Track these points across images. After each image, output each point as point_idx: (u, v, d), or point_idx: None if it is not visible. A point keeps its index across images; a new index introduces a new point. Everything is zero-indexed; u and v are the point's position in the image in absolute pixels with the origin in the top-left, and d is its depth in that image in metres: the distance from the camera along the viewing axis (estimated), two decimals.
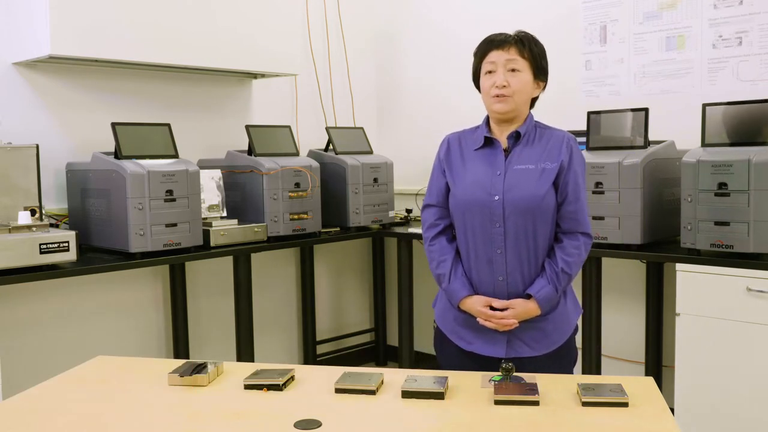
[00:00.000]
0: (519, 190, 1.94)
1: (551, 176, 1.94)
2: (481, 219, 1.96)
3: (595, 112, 3.19)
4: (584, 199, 1.99)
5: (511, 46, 1.96)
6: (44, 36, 2.96)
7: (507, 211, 1.94)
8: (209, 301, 3.86)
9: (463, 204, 2.00)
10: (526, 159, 1.97)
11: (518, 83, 1.95)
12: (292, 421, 1.51)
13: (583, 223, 1.98)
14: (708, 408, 2.73)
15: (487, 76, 1.98)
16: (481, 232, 1.97)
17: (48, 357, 3.26)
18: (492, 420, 1.53)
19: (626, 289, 3.60)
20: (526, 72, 1.96)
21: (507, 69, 1.95)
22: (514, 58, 1.95)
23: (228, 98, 3.97)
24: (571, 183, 1.96)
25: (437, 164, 2.10)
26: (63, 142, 3.34)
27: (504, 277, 1.96)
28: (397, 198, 4.22)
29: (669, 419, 1.52)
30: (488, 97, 1.99)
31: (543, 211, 1.94)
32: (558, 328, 2.00)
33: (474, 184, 1.98)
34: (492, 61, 1.97)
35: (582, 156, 2.02)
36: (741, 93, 3.18)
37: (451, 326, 2.07)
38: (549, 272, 1.95)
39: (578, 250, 1.96)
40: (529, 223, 1.94)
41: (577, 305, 2.09)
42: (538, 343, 1.98)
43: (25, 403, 1.71)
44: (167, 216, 3.05)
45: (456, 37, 4.22)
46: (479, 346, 2.00)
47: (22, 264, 2.69)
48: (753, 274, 2.60)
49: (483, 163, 2.00)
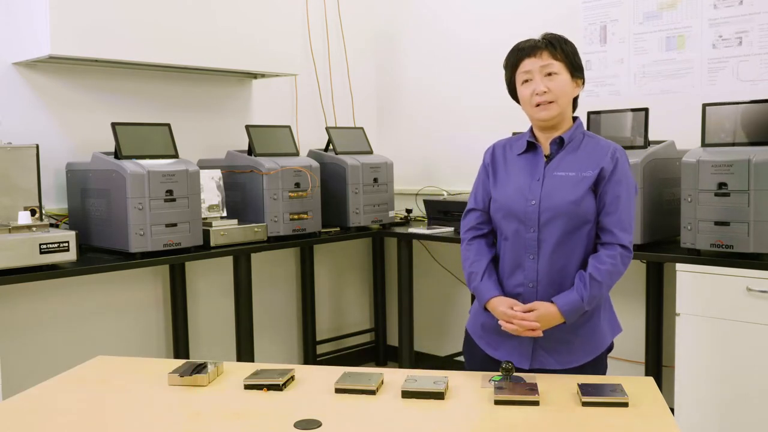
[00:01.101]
0: (555, 196, 1.90)
1: (588, 183, 1.90)
2: (516, 224, 1.94)
3: (595, 112, 3.19)
4: (626, 211, 1.91)
5: (542, 51, 1.92)
6: (44, 36, 2.96)
7: (542, 217, 1.91)
8: (209, 301, 3.86)
9: (502, 208, 1.98)
10: (568, 166, 1.93)
11: (558, 86, 1.91)
12: (292, 421, 1.51)
13: (619, 236, 1.89)
14: (708, 408, 2.73)
15: (525, 85, 1.94)
16: (516, 237, 1.95)
17: (48, 357, 3.26)
18: (492, 420, 1.53)
19: (626, 289, 3.60)
20: (564, 73, 1.92)
21: (543, 74, 1.91)
22: (549, 63, 1.90)
23: (228, 98, 3.97)
24: (610, 193, 1.89)
25: (482, 170, 2.08)
26: (63, 142, 3.34)
27: (534, 284, 1.92)
28: (397, 198, 4.22)
29: (669, 419, 1.52)
30: (530, 107, 1.94)
31: (579, 219, 1.90)
32: (586, 344, 1.93)
33: (513, 188, 1.97)
34: (527, 70, 1.93)
35: (629, 170, 1.94)
36: (741, 93, 3.18)
37: (479, 332, 2.05)
38: (577, 280, 1.89)
39: (613, 260, 1.88)
40: (564, 231, 1.90)
41: (615, 325, 2.03)
42: (564, 357, 1.92)
43: (25, 403, 1.71)
44: (167, 216, 3.05)
45: (456, 37, 4.22)
46: (504, 354, 1.96)
47: (22, 264, 2.68)
48: (753, 274, 2.60)
49: (524, 169, 1.98)
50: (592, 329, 1.94)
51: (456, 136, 4.27)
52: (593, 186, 1.91)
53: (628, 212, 1.92)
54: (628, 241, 1.91)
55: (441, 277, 4.31)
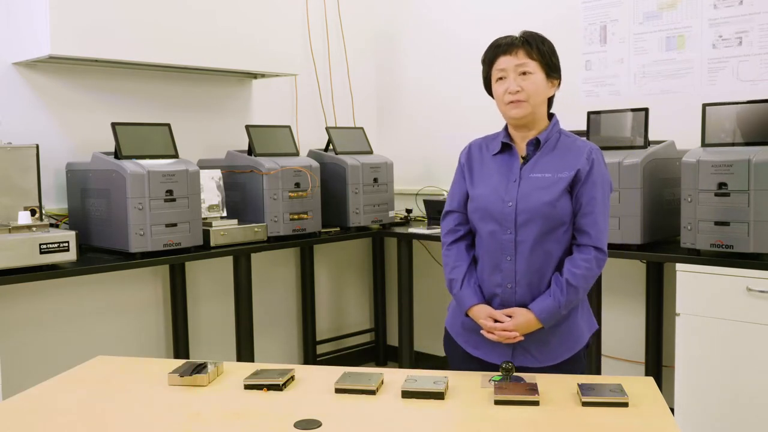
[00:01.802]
0: (532, 197, 1.91)
1: (564, 184, 1.90)
2: (493, 225, 1.95)
3: (595, 112, 3.19)
4: (601, 213, 1.92)
5: (518, 49, 1.92)
6: (44, 36, 2.96)
7: (519, 218, 1.91)
8: (209, 301, 3.86)
9: (478, 209, 1.99)
10: (544, 167, 1.94)
11: (531, 86, 1.91)
12: (292, 421, 1.51)
13: (595, 237, 1.90)
14: (708, 408, 2.73)
15: (499, 82, 1.95)
16: (493, 239, 1.95)
17: (48, 357, 3.26)
18: (492, 420, 1.53)
19: (626, 289, 3.60)
20: (538, 73, 1.92)
21: (518, 73, 1.92)
22: (524, 62, 1.91)
23: (228, 98, 3.97)
24: (586, 195, 1.90)
25: (458, 170, 2.09)
26: (63, 142, 3.34)
27: (512, 285, 1.93)
28: (397, 198, 4.21)
29: (669, 419, 1.52)
30: (503, 104, 1.96)
31: (555, 221, 1.90)
32: (564, 342, 1.95)
33: (490, 189, 1.97)
34: (502, 68, 1.94)
35: (606, 171, 1.96)
36: (741, 93, 3.18)
37: (459, 330, 2.06)
38: (553, 285, 1.90)
39: (587, 263, 1.89)
40: (540, 232, 1.91)
41: (592, 323, 2.04)
42: (543, 354, 1.94)
43: (25, 403, 1.71)
44: (167, 216, 3.05)
45: (456, 37, 4.22)
46: (485, 353, 1.98)
47: (22, 264, 2.69)
48: (753, 274, 2.60)
49: (500, 170, 1.98)
50: (569, 328, 1.96)
51: (456, 136, 4.23)
52: (569, 187, 1.91)
53: (604, 214, 1.94)
54: (604, 243, 1.93)
55: (441, 277, 4.27)
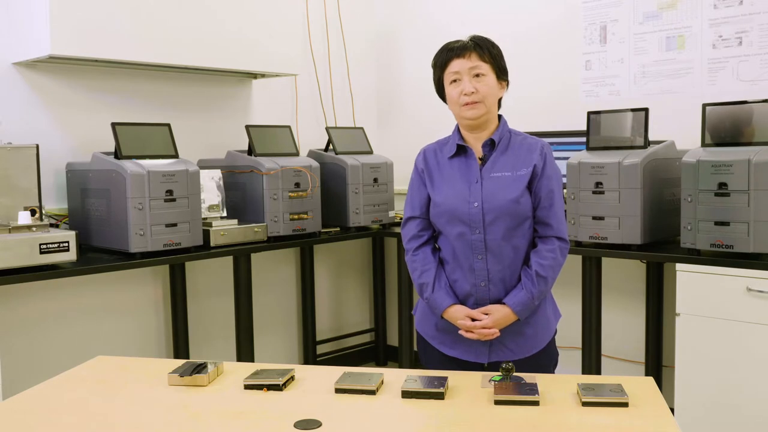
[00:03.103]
0: (497, 196, 1.96)
1: (524, 181, 1.96)
2: (461, 227, 1.98)
3: (595, 112, 3.19)
4: (559, 204, 2.01)
5: (471, 53, 1.98)
6: (44, 36, 2.96)
7: (486, 218, 1.95)
8: (209, 301, 3.86)
9: (444, 213, 2.01)
10: (502, 166, 1.99)
11: (485, 87, 1.97)
12: (292, 421, 1.51)
13: (557, 228, 1.99)
14: (708, 408, 2.73)
15: (453, 85, 2.00)
16: (462, 240, 1.98)
17: (48, 357, 3.26)
18: (492, 420, 1.53)
19: (626, 289, 3.60)
20: (490, 75, 1.98)
21: (472, 75, 1.97)
22: (477, 64, 1.97)
23: (228, 98, 3.97)
24: (544, 189, 1.98)
25: (416, 176, 2.11)
26: (63, 142, 3.34)
27: (486, 283, 1.98)
28: (397, 198, 4.21)
29: (669, 419, 1.52)
30: (457, 106, 2.00)
31: (519, 216, 1.96)
32: (538, 333, 2.02)
33: (453, 192, 2.00)
34: (455, 71, 1.99)
35: (556, 165, 2.04)
36: (741, 93, 3.18)
37: (432, 332, 2.08)
38: (523, 278, 1.97)
39: (553, 254, 1.98)
40: (507, 229, 1.96)
41: (557, 311, 2.12)
42: (520, 347, 2.00)
43: (25, 403, 1.71)
44: (167, 216, 3.05)
45: (456, 37, 4.20)
46: (461, 352, 2.02)
47: (22, 264, 2.68)
48: (753, 274, 2.60)
49: (459, 172, 2.02)
50: (540, 318, 2.03)
51: None
52: (528, 183, 1.97)
53: (561, 205, 2.02)
54: (565, 233, 2.02)
55: None
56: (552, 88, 3.82)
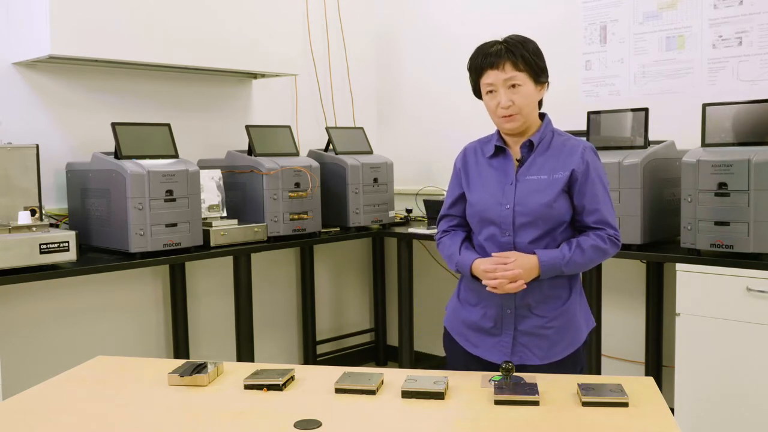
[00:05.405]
0: (530, 199, 1.91)
1: (560, 184, 1.91)
2: (492, 228, 1.96)
3: (595, 112, 3.19)
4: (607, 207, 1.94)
5: (505, 62, 1.90)
6: (44, 36, 2.96)
7: (517, 221, 1.92)
8: (209, 301, 3.86)
9: (477, 213, 1.99)
10: (539, 169, 1.95)
11: (522, 99, 1.91)
12: (292, 421, 1.51)
13: (609, 223, 1.93)
14: (708, 408, 2.73)
15: (489, 96, 1.95)
16: (492, 241, 1.96)
17: (48, 357, 3.26)
18: (492, 420, 1.53)
19: (626, 289, 3.60)
20: (527, 84, 1.91)
21: (507, 87, 1.91)
22: (512, 75, 1.90)
23: (228, 98, 3.97)
24: (588, 194, 1.92)
25: (454, 175, 2.10)
26: (63, 142, 3.34)
27: None
28: (397, 198, 4.21)
29: (669, 419, 1.52)
30: (496, 117, 1.96)
31: (553, 221, 1.92)
32: (564, 339, 1.95)
33: (487, 193, 1.98)
34: (490, 83, 1.93)
35: (600, 166, 1.98)
36: (741, 93, 3.18)
37: (458, 328, 2.06)
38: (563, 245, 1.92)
39: (601, 238, 1.91)
40: (539, 233, 1.92)
41: (590, 319, 2.05)
42: (543, 351, 1.94)
43: (25, 403, 1.70)
44: (167, 216, 3.05)
45: (456, 36, 4.22)
46: (484, 351, 1.99)
47: (22, 264, 2.68)
48: (753, 274, 2.60)
49: (496, 173, 1.99)
50: (567, 321, 1.96)
51: (456, 136, 4.23)
52: (566, 187, 1.92)
53: (610, 206, 1.96)
54: (616, 227, 1.95)
55: (441, 277, 4.30)
56: (552, 88, 3.81)
